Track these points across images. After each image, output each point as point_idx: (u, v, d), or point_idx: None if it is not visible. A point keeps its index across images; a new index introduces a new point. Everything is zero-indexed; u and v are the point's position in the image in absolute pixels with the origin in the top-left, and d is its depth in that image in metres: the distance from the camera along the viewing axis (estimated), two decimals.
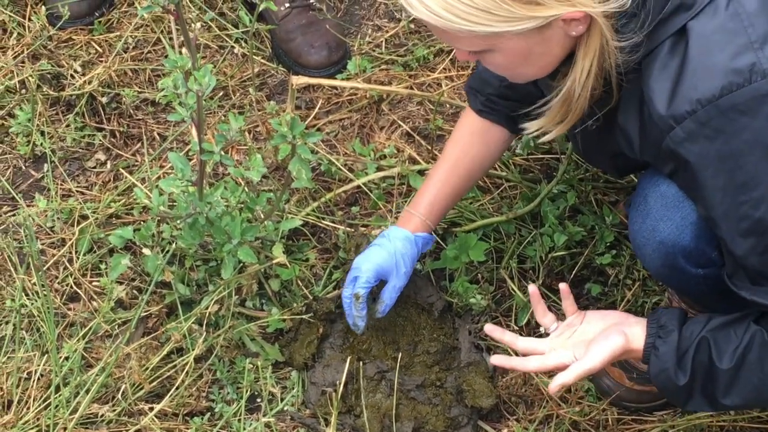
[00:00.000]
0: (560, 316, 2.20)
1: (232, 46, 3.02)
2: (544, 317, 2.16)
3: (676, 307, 2.09)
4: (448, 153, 2.40)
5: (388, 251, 2.35)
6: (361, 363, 2.42)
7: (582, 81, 1.88)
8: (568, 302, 2.15)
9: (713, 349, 1.93)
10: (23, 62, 2.92)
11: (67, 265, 2.60)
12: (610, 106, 1.95)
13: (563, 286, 2.15)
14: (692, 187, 1.88)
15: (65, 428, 2.26)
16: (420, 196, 2.40)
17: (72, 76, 2.92)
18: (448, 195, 2.40)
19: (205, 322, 2.42)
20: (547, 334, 2.14)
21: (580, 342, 2.07)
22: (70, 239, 2.63)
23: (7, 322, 2.48)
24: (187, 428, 2.36)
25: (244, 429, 2.32)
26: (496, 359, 2.12)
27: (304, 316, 2.47)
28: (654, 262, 2.08)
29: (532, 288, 2.17)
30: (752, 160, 1.79)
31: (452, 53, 2.99)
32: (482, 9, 1.75)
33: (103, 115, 2.89)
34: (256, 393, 2.45)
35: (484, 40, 1.81)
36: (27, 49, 2.94)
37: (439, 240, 2.63)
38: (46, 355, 2.38)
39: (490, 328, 2.15)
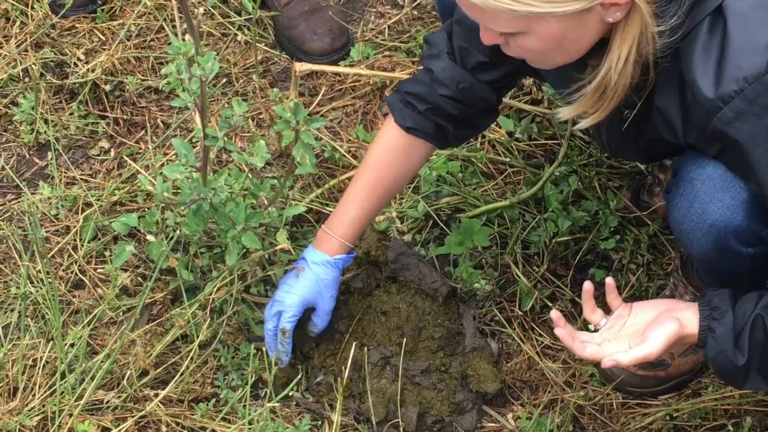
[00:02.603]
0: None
1: (235, 34, 3.02)
2: (593, 314, 2.10)
3: (726, 289, 2.06)
4: (368, 169, 2.32)
5: (310, 280, 2.33)
6: (365, 349, 2.42)
7: (619, 68, 1.85)
8: (612, 296, 2.10)
9: None
10: (26, 50, 2.92)
11: (72, 252, 2.61)
12: (648, 90, 1.92)
13: (609, 280, 2.09)
14: (742, 166, 1.87)
15: (71, 415, 2.27)
16: (338, 216, 2.34)
17: (75, 64, 2.92)
18: (366, 214, 2.34)
19: (209, 308, 2.42)
20: (596, 331, 2.09)
21: (634, 333, 2.03)
22: (75, 227, 2.63)
23: (12, 310, 2.49)
24: (193, 414, 2.37)
25: (250, 415, 2.32)
26: (560, 332, 2.04)
27: None
28: (703, 246, 2.03)
29: (587, 284, 2.08)
30: None
31: None
32: None
33: (106, 102, 2.89)
34: (261, 379, 2.46)
35: (522, 22, 1.78)
36: (30, 38, 2.94)
37: (443, 226, 2.64)
38: (52, 342, 2.38)
39: (556, 315, 2.06)
